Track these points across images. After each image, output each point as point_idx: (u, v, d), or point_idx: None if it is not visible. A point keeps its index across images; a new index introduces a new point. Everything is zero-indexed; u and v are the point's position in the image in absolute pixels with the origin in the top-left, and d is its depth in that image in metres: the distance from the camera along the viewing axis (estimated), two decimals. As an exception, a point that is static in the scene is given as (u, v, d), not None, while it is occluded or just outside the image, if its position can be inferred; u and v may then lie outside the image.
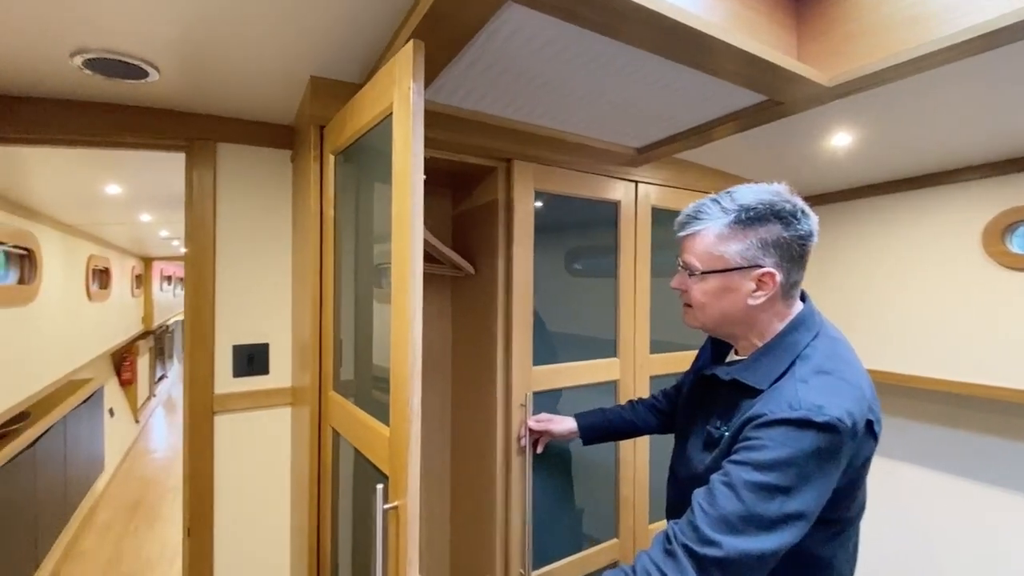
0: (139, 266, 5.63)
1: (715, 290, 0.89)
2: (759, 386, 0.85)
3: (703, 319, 0.93)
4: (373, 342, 1.06)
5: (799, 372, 0.83)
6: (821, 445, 0.75)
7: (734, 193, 0.87)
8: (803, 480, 0.75)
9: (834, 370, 0.83)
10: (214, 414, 1.35)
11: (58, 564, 2.83)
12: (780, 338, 0.88)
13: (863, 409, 0.79)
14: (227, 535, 1.36)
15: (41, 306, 2.54)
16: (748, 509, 0.75)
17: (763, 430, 0.78)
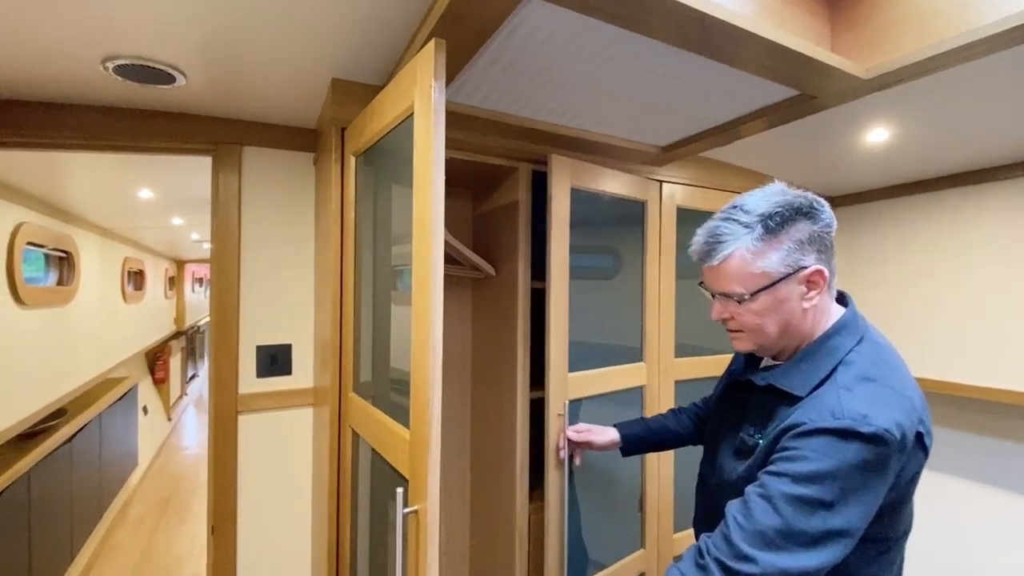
0: (172, 268, 5.81)
1: (768, 307, 0.82)
2: (798, 392, 0.80)
3: (761, 340, 0.86)
4: (392, 344, 1.05)
5: (842, 379, 0.78)
6: (866, 457, 0.70)
7: (744, 206, 0.81)
8: (847, 495, 0.70)
9: (880, 377, 0.77)
10: (238, 414, 1.37)
11: (92, 557, 2.93)
12: (820, 342, 0.83)
13: (912, 420, 0.74)
14: (250, 533, 1.38)
15: (78, 306, 2.64)
16: (787, 524, 0.70)
17: (803, 440, 0.73)
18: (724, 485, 0.93)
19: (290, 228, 1.46)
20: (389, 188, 1.08)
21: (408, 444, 0.84)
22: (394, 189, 1.06)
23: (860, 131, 1.42)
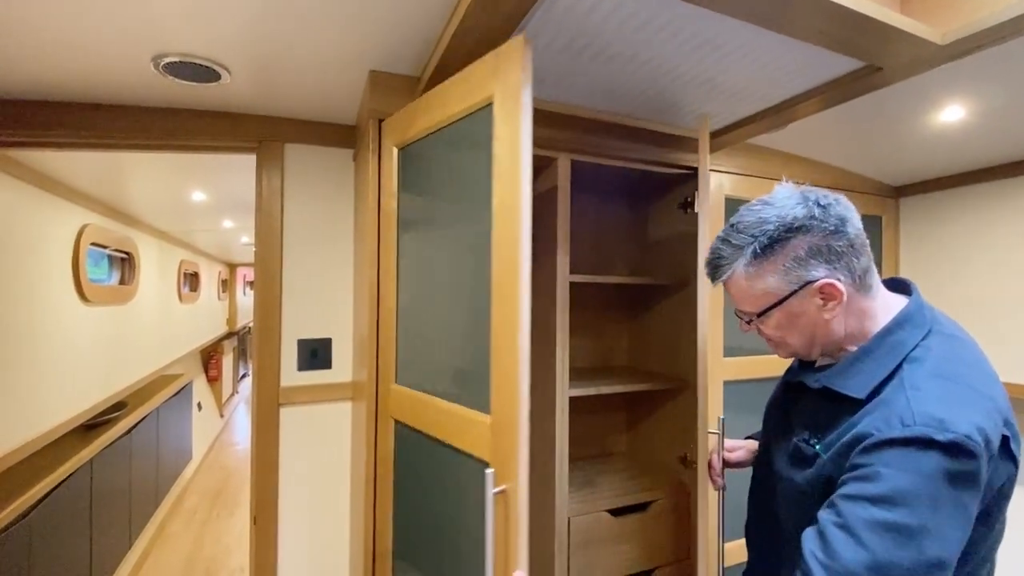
0: (224, 271, 6.09)
1: (783, 322, 0.79)
2: (856, 395, 0.73)
3: (792, 350, 0.82)
4: (449, 336, 1.02)
5: (909, 378, 0.69)
6: (950, 469, 0.61)
7: (739, 224, 0.77)
8: (936, 514, 0.61)
9: (955, 374, 0.69)
10: (280, 406, 1.39)
11: (149, 545, 3.07)
12: (880, 338, 0.75)
13: (996, 423, 0.65)
14: (291, 523, 1.39)
15: (138, 305, 2.79)
16: (877, 558, 0.62)
17: (874, 454, 0.65)
18: (782, 492, 0.87)
19: (331, 224, 1.47)
20: (447, 178, 1.04)
21: (489, 428, 0.87)
22: (453, 179, 1.03)
23: (931, 109, 1.30)
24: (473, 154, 0.91)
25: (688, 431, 1.56)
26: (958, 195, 1.80)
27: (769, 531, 0.93)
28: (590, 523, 1.40)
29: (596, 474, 1.64)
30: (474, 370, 0.94)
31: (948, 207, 1.83)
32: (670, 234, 1.66)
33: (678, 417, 1.61)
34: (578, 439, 1.77)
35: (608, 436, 1.86)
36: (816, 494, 0.76)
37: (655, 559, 1.49)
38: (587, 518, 1.40)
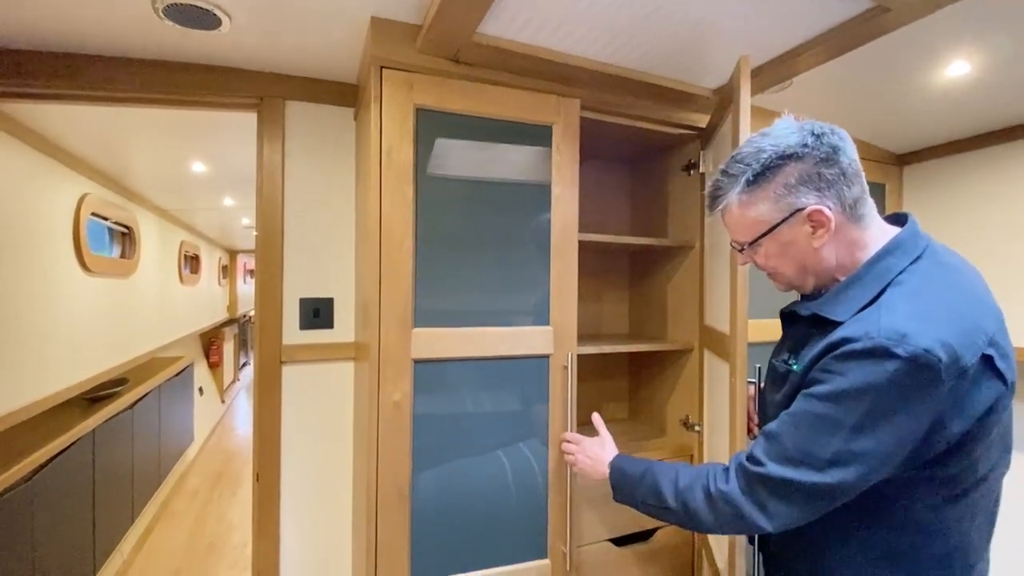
0: (225, 258, 6.09)
1: (774, 252, 0.81)
2: (840, 318, 0.74)
3: (786, 280, 0.85)
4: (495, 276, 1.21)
5: (887, 299, 0.71)
6: (902, 380, 0.64)
7: (738, 155, 0.80)
8: (876, 418, 0.65)
9: (935, 295, 0.70)
10: (282, 364, 1.39)
11: (152, 521, 3.09)
12: (868, 266, 0.76)
13: (972, 342, 0.65)
14: (294, 480, 1.40)
15: (139, 281, 2.79)
16: (805, 442, 0.71)
17: (837, 362, 0.69)
18: (766, 417, 0.89)
19: (333, 183, 1.47)
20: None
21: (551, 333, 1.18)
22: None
23: (936, 65, 1.29)
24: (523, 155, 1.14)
25: (690, 396, 1.57)
26: (962, 161, 1.79)
27: None
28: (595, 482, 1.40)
29: (598, 437, 1.65)
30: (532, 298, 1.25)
31: (952, 174, 1.82)
32: (674, 197, 1.65)
33: (680, 382, 1.61)
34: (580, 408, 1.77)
35: (610, 404, 1.86)
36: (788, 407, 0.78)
37: (656, 520, 1.49)
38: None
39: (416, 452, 1.14)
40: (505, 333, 1.23)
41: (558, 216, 1.28)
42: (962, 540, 0.74)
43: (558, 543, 1.26)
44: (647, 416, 1.78)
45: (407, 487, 1.13)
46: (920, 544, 0.74)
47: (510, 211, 1.27)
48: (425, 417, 1.16)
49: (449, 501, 1.18)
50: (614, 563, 1.41)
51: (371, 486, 1.10)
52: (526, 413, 1.27)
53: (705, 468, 0.84)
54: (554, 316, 1.27)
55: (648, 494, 0.89)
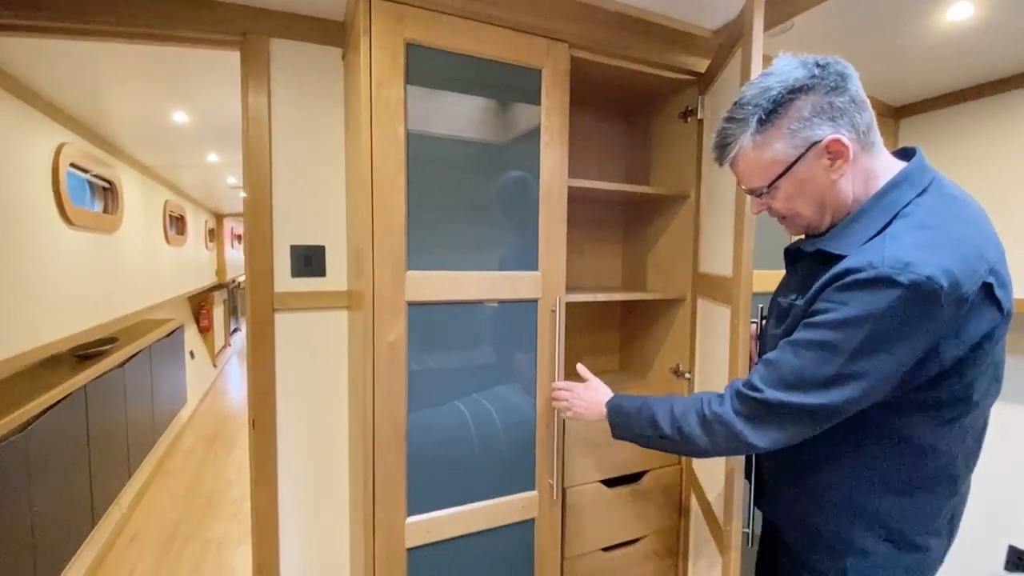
0: (212, 221, 5.98)
1: (793, 192, 0.79)
2: (845, 252, 0.74)
3: (804, 221, 0.83)
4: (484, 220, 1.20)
5: (892, 230, 0.71)
6: (903, 307, 0.64)
7: (742, 99, 0.78)
8: (875, 344, 0.67)
9: (939, 225, 0.70)
10: (275, 311, 1.38)
11: (149, 478, 3.13)
12: (876, 199, 0.76)
13: (974, 269, 0.66)
14: (289, 427, 1.41)
15: (124, 238, 2.73)
16: (803, 368, 0.72)
17: (840, 292, 0.70)
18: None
19: (321, 128, 1.42)
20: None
21: (540, 278, 1.22)
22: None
23: (938, 7, 1.26)
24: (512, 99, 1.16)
25: (681, 345, 1.59)
26: (962, 112, 1.78)
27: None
28: (584, 423, 1.43)
29: (590, 386, 1.67)
30: (521, 243, 1.25)
31: (951, 126, 1.81)
32: (670, 146, 1.63)
33: (671, 332, 1.63)
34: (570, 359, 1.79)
35: (601, 356, 1.88)
36: None
37: (646, 462, 1.53)
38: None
39: (411, 392, 1.15)
40: (495, 277, 1.22)
41: (547, 161, 1.26)
42: (950, 463, 0.77)
43: (545, 476, 1.30)
44: (638, 367, 1.80)
45: (403, 426, 1.14)
46: (909, 465, 0.76)
47: (500, 156, 1.25)
48: (419, 359, 1.17)
49: (443, 439, 1.21)
50: (605, 502, 1.46)
51: (368, 426, 1.12)
52: (516, 356, 1.28)
53: (699, 395, 0.87)
54: (543, 262, 1.27)
55: (645, 425, 0.91)
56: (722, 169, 1.28)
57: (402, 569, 1.16)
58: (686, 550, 1.58)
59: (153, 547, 2.48)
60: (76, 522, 2.14)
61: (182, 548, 2.47)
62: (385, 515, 1.13)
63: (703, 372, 1.49)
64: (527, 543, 1.30)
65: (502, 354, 1.27)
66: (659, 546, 1.57)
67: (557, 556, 1.35)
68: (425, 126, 1.15)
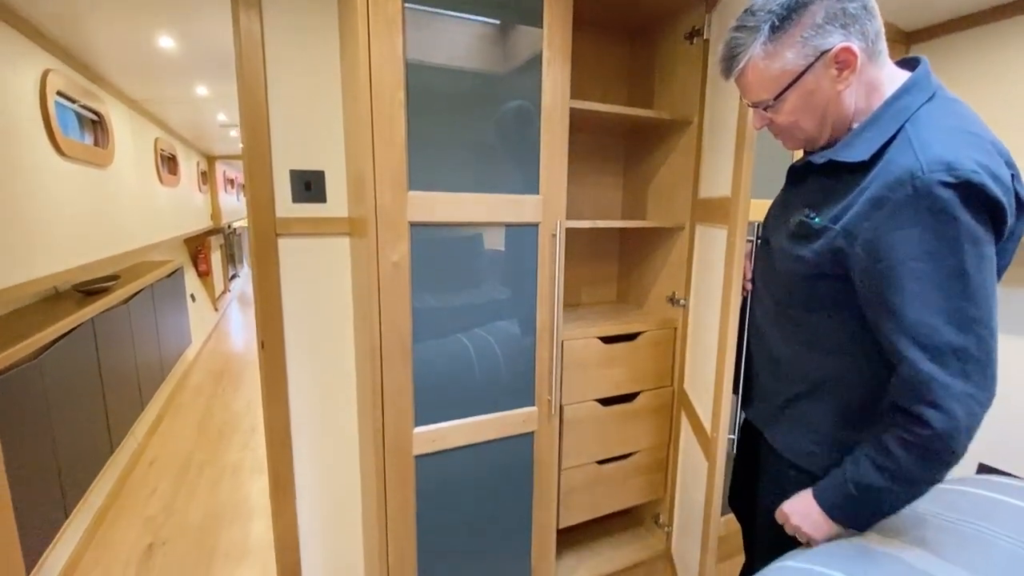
0: (203, 163, 5.86)
1: (798, 104, 0.78)
2: (859, 157, 0.74)
3: (804, 135, 0.82)
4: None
5: (914, 133, 0.71)
6: (959, 208, 0.64)
7: (751, 6, 0.76)
8: (973, 243, 0.65)
9: (956, 125, 0.70)
10: (277, 236, 1.39)
11: (160, 411, 3.25)
12: (884, 107, 0.75)
13: (998, 165, 0.67)
14: (297, 348, 1.46)
15: (117, 174, 2.69)
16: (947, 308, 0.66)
17: (898, 216, 0.67)
18: (784, 273, 0.89)
19: (315, 47, 1.38)
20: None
21: (540, 202, 1.22)
22: None
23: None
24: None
25: (678, 274, 1.62)
26: (977, 36, 1.72)
27: (771, 364, 0.99)
28: (582, 347, 1.48)
29: (588, 312, 1.72)
30: (522, 167, 1.23)
31: (965, 50, 1.76)
32: (674, 69, 1.59)
33: (669, 261, 1.66)
34: (569, 290, 1.83)
35: (599, 287, 1.92)
36: (824, 264, 0.80)
37: (640, 384, 1.60)
38: (579, 343, 1.48)
39: (415, 310, 1.19)
40: (497, 200, 1.23)
41: (549, 80, 1.23)
42: None
43: (544, 393, 1.36)
44: (635, 297, 1.84)
45: (408, 343, 1.19)
46: None
47: (501, 77, 1.23)
48: (422, 279, 1.19)
49: (446, 357, 1.26)
50: (600, 419, 1.54)
51: (375, 343, 1.16)
52: (517, 278, 1.31)
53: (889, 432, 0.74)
54: (544, 185, 1.27)
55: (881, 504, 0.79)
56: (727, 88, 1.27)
57: (410, 475, 1.25)
58: (675, 464, 1.68)
59: (171, 471, 2.62)
60: (96, 448, 2.25)
61: (199, 473, 2.61)
62: (394, 425, 1.20)
63: (697, 298, 1.53)
64: (527, 454, 1.39)
65: (504, 276, 1.30)
66: (650, 460, 1.67)
67: (555, 466, 1.43)
68: (423, 52, 1.12)
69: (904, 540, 0.86)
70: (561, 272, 1.32)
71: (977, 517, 0.91)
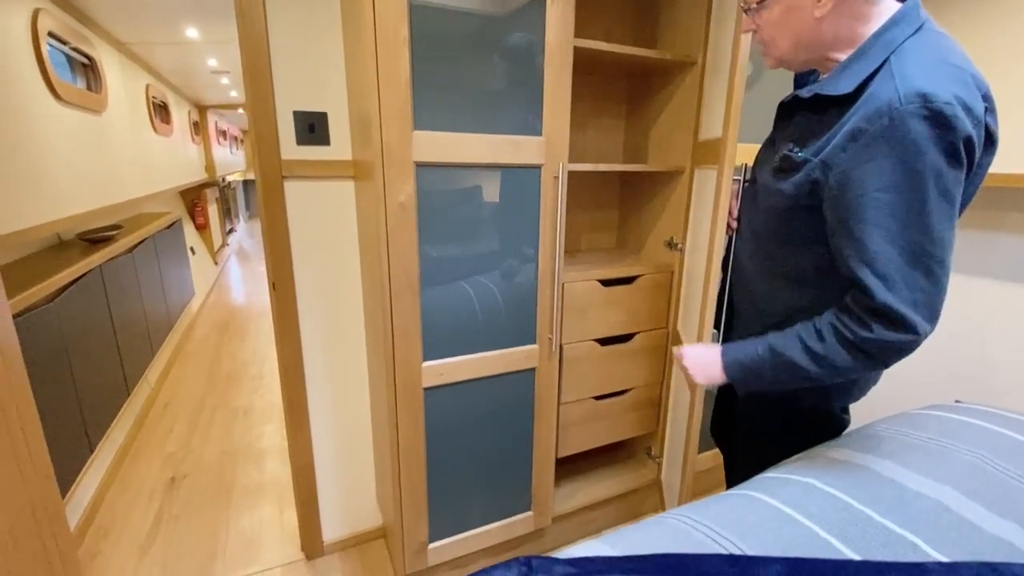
0: (195, 113, 5.73)
1: (778, 18, 0.81)
2: (844, 90, 0.76)
3: (779, 53, 0.85)
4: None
5: (897, 66, 0.72)
6: (932, 139, 0.67)
7: None
8: (923, 192, 0.69)
9: (937, 57, 0.72)
10: (283, 179, 1.41)
11: (170, 358, 3.34)
12: (875, 38, 0.77)
13: (974, 99, 0.69)
14: (307, 289, 1.51)
15: (112, 121, 2.65)
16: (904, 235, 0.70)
17: (873, 147, 0.70)
18: (765, 209, 0.93)
19: (314, -16, 1.35)
20: None
21: (543, 143, 1.25)
22: None
23: None
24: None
25: (676, 219, 1.65)
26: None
27: (749, 304, 1.04)
28: (581, 289, 1.54)
29: (588, 257, 1.77)
30: (525, 108, 1.23)
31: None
32: (679, 6, 1.56)
33: (668, 206, 1.69)
34: (570, 237, 1.86)
35: (600, 233, 1.96)
36: (801, 197, 0.83)
37: (637, 325, 1.67)
38: (579, 285, 1.53)
39: (422, 250, 1.23)
40: (500, 140, 1.25)
41: (553, 17, 1.22)
42: None
43: (545, 332, 1.43)
44: (634, 243, 1.89)
45: (416, 281, 1.23)
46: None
47: (504, 14, 1.21)
48: (428, 221, 1.22)
49: (451, 297, 1.31)
50: (597, 358, 1.61)
51: (384, 281, 1.21)
52: (520, 221, 1.34)
53: (827, 321, 0.80)
54: (547, 127, 1.28)
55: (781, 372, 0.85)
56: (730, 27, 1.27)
57: (420, 406, 1.32)
58: (667, 401, 1.78)
59: (185, 414, 2.73)
60: (113, 390, 2.34)
61: (211, 415, 2.72)
62: (403, 358, 1.27)
63: (693, 242, 1.57)
64: (528, 388, 1.47)
65: (506, 218, 1.34)
66: (644, 397, 1.76)
67: (554, 401, 1.52)
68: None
69: (875, 455, 0.94)
70: (563, 215, 1.35)
71: (944, 436, 1.00)
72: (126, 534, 1.84)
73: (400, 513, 1.38)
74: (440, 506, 1.43)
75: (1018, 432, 0.99)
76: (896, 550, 0.71)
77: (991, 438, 0.97)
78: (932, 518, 0.77)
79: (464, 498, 1.48)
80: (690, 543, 0.73)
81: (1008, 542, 0.73)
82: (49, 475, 1.30)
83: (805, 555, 0.70)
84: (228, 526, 1.88)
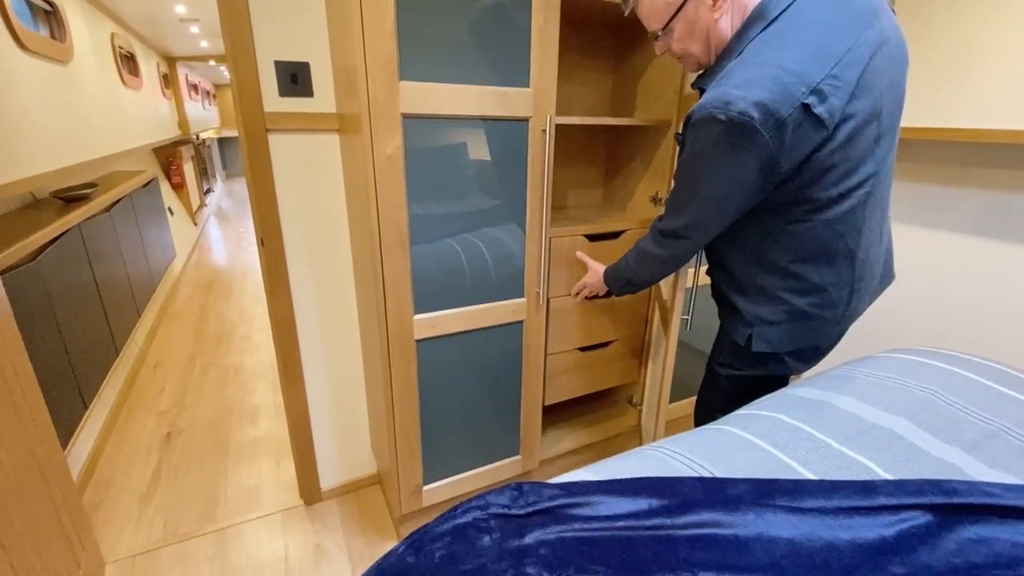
0: (164, 65, 5.47)
1: (684, 32, 0.92)
2: (707, 86, 0.91)
3: (695, 59, 0.96)
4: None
5: (728, 70, 0.83)
6: (724, 140, 0.79)
7: None
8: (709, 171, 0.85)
9: (759, 57, 0.80)
10: (267, 132, 1.39)
11: (156, 320, 3.33)
12: (735, 37, 0.87)
13: (790, 94, 0.74)
14: (296, 244, 1.52)
15: (80, 72, 2.54)
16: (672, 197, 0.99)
17: (686, 132, 0.86)
18: None
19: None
20: None
21: (531, 95, 1.28)
22: None
23: None
24: None
25: (661, 175, 1.67)
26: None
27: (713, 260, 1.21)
28: (568, 244, 1.57)
29: (575, 213, 1.79)
30: (513, 59, 1.25)
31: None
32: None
33: (654, 161, 1.71)
34: (557, 194, 1.88)
35: (586, 191, 1.98)
36: None
37: (622, 279, 1.72)
38: (566, 240, 1.56)
39: (411, 203, 1.24)
40: (488, 92, 1.24)
41: (542, -40, 1.20)
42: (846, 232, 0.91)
43: (532, 286, 1.47)
44: (619, 200, 1.91)
45: (406, 233, 1.25)
46: (799, 245, 0.93)
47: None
48: (416, 172, 1.23)
49: (441, 251, 1.33)
50: (582, 310, 1.67)
51: (375, 235, 1.22)
52: (508, 175, 1.36)
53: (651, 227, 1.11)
54: (535, 79, 1.28)
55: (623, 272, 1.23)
56: None
57: (412, 357, 1.37)
58: (647, 352, 1.86)
59: (176, 372, 2.76)
60: (101, 349, 2.35)
61: (202, 374, 2.75)
62: (395, 310, 1.30)
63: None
64: (516, 340, 1.52)
65: (494, 173, 1.35)
66: (626, 349, 1.84)
67: (541, 351, 1.58)
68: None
69: (838, 392, 1.02)
70: (550, 169, 1.37)
71: (903, 375, 1.08)
72: (127, 485, 1.90)
73: (395, 458, 1.44)
74: (433, 451, 1.51)
75: (968, 371, 1.07)
76: (851, 472, 0.79)
77: (944, 376, 1.05)
78: (885, 445, 0.85)
79: (456, 444, 1.55)
80: (667, 469, 0.80)
81: (952, 464, 0.81)
82: (48, 427, 1.33)
83: (769, 477, 0.77)
84: (227, 477, 1.95)
